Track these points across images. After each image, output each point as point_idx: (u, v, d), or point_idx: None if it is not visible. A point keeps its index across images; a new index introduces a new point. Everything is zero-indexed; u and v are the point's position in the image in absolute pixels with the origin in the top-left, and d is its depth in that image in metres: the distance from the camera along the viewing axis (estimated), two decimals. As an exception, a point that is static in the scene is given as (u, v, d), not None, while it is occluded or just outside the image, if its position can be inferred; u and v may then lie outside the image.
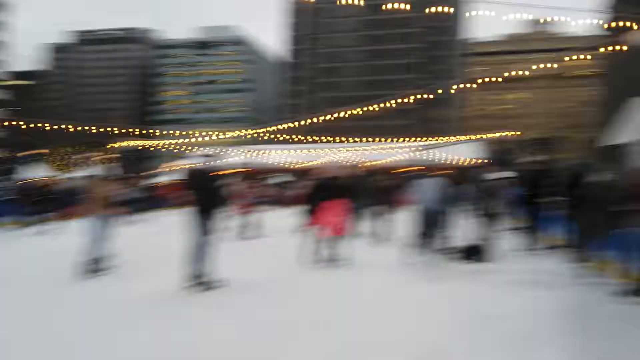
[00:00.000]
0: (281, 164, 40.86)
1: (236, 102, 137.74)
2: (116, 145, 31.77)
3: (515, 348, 4.76)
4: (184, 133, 37.82)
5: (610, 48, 25.26)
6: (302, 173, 41.15)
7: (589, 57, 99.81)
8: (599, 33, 38.22)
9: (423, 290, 7.43)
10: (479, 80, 28.72)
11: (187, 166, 40.65)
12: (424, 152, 34.39)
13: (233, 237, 13.02)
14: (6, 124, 47.20)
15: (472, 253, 9.38)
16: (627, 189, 7.14)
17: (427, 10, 17.21)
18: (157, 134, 44.35)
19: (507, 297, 6.83)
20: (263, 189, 20.37)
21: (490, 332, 5.24)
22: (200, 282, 7.38)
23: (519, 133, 35.96)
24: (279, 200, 23.56)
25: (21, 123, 33.85)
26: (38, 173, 36.83)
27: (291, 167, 39.72)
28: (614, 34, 27.35)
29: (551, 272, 8.37)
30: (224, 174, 9.14)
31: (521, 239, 10.52)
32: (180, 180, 11.09)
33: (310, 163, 40.27)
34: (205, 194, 7.54)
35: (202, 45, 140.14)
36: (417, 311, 6.17)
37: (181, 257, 7.50)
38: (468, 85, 31.93)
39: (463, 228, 10.20)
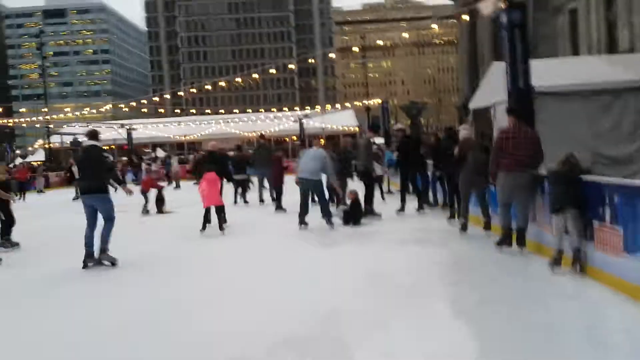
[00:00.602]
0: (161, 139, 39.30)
1: (97, 75, 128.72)
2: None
3: (403, 301, 5.16)
4: (44, 110, 34.89)
5: (464, 17, 27.14)
6: (180, 147, 40.00)
7: (440, 26, 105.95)
8: (453, 1, 40.78)
9: (314, 254, 7.73)
10: (355, 49, 29.49)
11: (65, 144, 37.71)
12: (303, 121, 34.93)
13: (131, 214, 12.51)
14: None
15: (351, 216, 9.88)
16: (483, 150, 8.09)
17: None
18: (18, 112, 40.40)
19: (394, 255, 7.32)
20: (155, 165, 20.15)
21: (381, 289, 5.63)
22: (97, 260, 7.27)
23: (387, 100, 37.72)
24: (166, 176, 23.05)
25: None
26: None
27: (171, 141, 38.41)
28: (468, 3, 29.37)
29: (432, 229, 9.06)
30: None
31: (402, 201, 11.18)
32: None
33: (189, 137, 39.24)
34: (96, 171, 7.37)
35: (54, 14, 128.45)
36: (309, 275, 6.40)
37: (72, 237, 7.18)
38: (333, 54, 32.55)
39: (345, 193, 10.68)
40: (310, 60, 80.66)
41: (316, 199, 10.09)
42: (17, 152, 55.07)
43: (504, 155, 6.78)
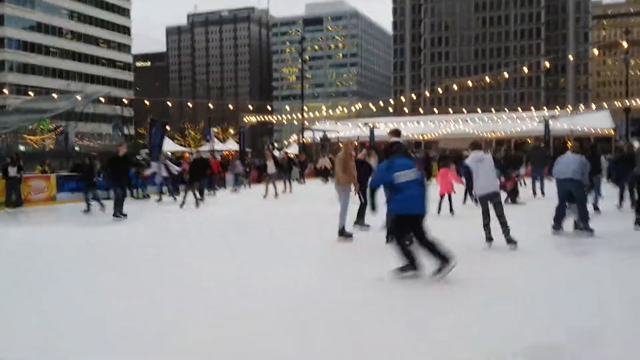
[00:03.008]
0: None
1: (345, 77, 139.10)
2: (245, 120, 33.80)
3: None
4: (304, 108, 39.37)
5: None
6: (417, 145, 41.17)
7: None
8: None
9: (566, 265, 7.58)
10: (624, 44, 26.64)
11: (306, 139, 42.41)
12: (550, 122, 32.88)
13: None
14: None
15: None
16: None
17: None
18: (277, 110, 46.35)
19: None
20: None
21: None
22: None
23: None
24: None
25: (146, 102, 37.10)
26: (169, 147, 40.37)
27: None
28: None
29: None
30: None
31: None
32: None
33: (426, 135, 40.16)
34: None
35: (312, 22, 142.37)
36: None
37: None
38: (594, 50, 29.76)
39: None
40: (569, 57, 74.42)
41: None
42: (275, 144, 62.31)
43: None
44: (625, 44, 30.05)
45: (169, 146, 38.47)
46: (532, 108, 37.56)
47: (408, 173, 6.15)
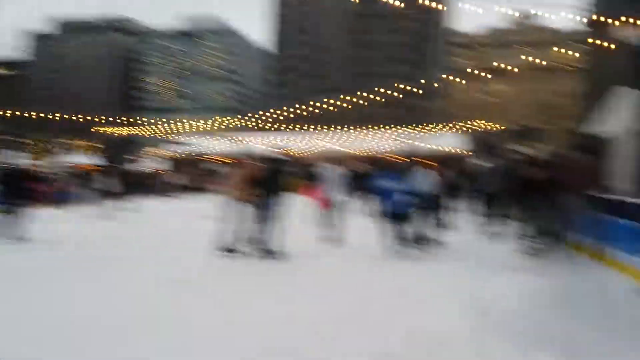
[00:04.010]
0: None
1: (220, 92, 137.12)
2: (102, 132, 31.50)
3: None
4: (172, 121, 37.71)
5: (596, 42, 25.49)
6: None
7: (569, 51, 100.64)
8: (580, 27, 38.76)
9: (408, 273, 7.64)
10: (469, 70, 28.86)
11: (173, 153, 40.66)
12: (410, 141, 34.66)
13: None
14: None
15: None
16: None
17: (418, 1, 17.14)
18: (140, 121, 44.10)
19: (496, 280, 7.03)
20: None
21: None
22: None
23: (500, 125, 36.47)
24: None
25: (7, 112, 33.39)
26: (20, 161, 36.50)
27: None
28: (597, 28, 27.68)
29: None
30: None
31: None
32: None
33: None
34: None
35: (186, 35, 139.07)
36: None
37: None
38: (453, 77, 32.11)
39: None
40: (422, 81, 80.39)
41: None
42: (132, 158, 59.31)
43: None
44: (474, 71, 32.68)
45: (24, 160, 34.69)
46: (398, 128, 39.58)
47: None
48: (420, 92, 45.50)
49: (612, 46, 30.61)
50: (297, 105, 33.50)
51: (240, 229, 8.76)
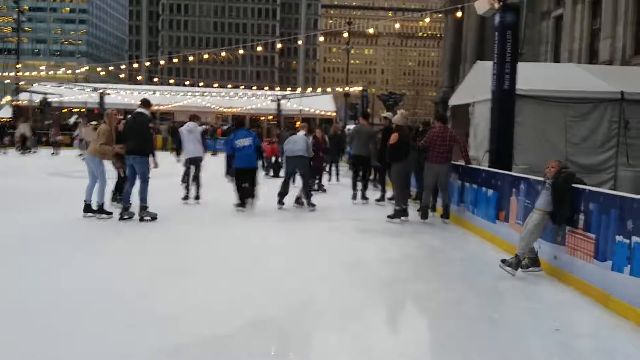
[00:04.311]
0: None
1: (73, 35, 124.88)
2: None
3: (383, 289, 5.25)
4: (18, 66, 33.75)
5: (456, 14, 27.04)
6: (153, 117, 39.21)
7: (427, 19, 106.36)
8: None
9: (288, 237, 7.73)
10: (346, 35, 29.19)
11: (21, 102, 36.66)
12: (281, 102, 34.66)
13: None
14: None
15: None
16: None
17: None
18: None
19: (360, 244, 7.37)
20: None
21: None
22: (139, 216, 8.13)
23: (367, 88, 37.77)
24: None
25: None
26: None
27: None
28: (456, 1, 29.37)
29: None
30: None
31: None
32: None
33: (162, 107, 38.60)
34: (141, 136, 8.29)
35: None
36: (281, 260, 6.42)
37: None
38: (319, 37, 32.44)
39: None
40: (299, 42, 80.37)
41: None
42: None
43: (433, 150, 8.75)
44: (345, 34, 33.28)
45: None
46: (266, 87, 39.04)
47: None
48: (289, 50, 45.54)
49: (466, 18, 32.94)
50: (161, 56, 31.73)
51: (105, 186, 8.32)
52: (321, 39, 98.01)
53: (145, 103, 8.61)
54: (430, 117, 36.49)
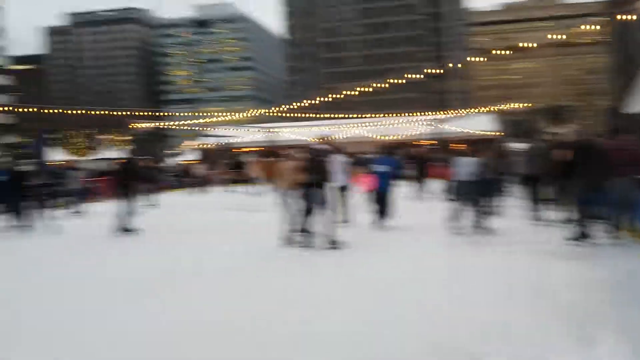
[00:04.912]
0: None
1: (240, 80, 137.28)
2: (132, 127, 32.05)
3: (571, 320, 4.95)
4: (197, 113, 38.02)
5: (620, 16, 25.00)
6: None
7: (594, 26, 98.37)
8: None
9: (465, 262, 7.79)
10: (493, 52, 28.59)
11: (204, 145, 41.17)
12: (440, 125, 34.53)
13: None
14: (10, 109, 47.21)
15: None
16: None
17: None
18: (168, 114, 44.67)
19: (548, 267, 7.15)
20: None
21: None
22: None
23: (529, 104, 36.03)
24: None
25: (33, 109, 34.20)
26: (57, 156, 37.45)
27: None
28: (622, 1, 27.15)
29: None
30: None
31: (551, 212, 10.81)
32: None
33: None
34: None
35: (201, 24, 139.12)
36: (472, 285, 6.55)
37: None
38: (475, 57, 31.80)
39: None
40: (450, 65, 79.83)
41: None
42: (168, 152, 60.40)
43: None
44: (494, 51, 32.31)
45: (59, 156, 35.68)
46: (423, 113, 39.18)
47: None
48: (441, 72, 45.22)
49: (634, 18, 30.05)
50: (319, 92, 33.68)
51: (293, 220, 9.07)
52: (476, 59, 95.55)
53: (323, 139, 9.34)
54: (600, 127, 33.63)
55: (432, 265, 7.68)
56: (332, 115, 38.44)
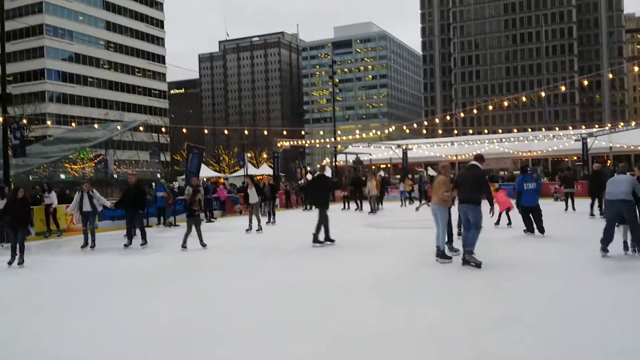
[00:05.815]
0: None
1: (375, 99, 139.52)
2: (279, 145, 34.00)
3: None
4: (338, 131, 39.39)
5: None
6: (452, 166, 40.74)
7: None
8: None
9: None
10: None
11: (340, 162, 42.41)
12: (587, 140, 32.11)
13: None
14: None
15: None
16: None
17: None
18: (309, 133, 46.70)
19: None
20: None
21: None
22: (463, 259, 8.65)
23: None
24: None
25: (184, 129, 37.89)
26: (207, 174, 40.91)
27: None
28: None
29: None
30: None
31: None
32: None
33: (460, 156, 39.76)
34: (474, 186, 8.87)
35: (341, 45, 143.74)
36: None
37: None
38: (633, 66, 29.19)
39: None
40: (605, 73, 73.96)
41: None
42: (308, 168, 62.70)
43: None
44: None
45: (205, 172, 38.99)
46: (569, 127, 36.74)
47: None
48: (591, 84, 41.92)
49: None
50: (461, 108, 33.09)
51: (444, 234, 9.08)
52: (635, 68, 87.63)
53: (479, 158, 9.17)
54: None
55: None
56: (470, 132, 37.60)
